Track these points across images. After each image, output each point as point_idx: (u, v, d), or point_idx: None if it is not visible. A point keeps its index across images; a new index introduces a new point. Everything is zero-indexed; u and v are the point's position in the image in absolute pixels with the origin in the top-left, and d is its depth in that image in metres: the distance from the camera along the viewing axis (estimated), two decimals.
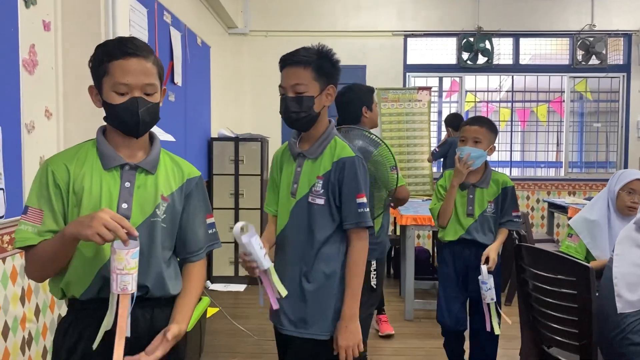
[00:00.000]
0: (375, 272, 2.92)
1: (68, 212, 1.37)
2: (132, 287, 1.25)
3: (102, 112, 2.47)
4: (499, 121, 6.71)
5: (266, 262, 1.65)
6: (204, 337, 3.27)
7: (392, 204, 2.71)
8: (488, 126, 2.66)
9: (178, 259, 1.52)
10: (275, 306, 1.70)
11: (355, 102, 2.84)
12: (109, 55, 1.36)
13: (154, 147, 1.47)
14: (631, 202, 2.58)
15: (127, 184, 1.39)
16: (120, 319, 1.25)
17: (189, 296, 1.46)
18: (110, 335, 1.29)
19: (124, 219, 1.25)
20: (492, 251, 2.55)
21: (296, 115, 1.74)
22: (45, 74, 2.34)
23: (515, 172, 6.93)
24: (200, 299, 1.59)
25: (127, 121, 1.37)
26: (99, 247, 1.33)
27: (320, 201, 1.74)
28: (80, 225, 1.24)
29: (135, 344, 1.34)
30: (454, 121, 5.73)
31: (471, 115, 5.97)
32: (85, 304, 1.38)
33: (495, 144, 2.70)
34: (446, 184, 2.73)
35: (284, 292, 1.69)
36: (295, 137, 1.84)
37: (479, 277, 2.46)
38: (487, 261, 2.53)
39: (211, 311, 3.90)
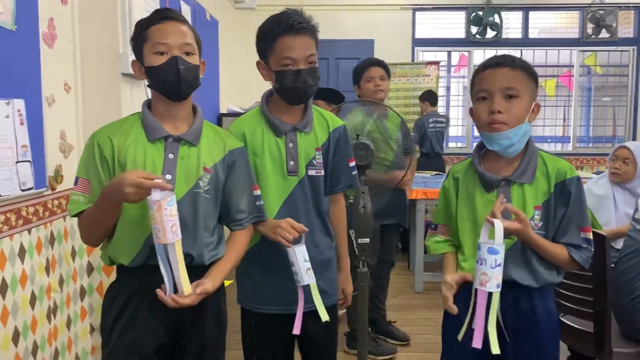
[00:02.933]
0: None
1: None
2: (179, 233, 1.31)
3: (117, 86, 2.52)
4: None
5: (307, 278, 1.59)
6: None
7: None
8: (524, 68, 1.48)
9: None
10: (297, 331, 1.63)
11: None
12: (147, 22, 1.43)
13: (197, 119, 1.50)
14: (614, 168, 2.69)
15: (171, 156, 1.43)
16: (180, 264, 1.32)
17: (226, 259, 1.52)
18: (154, 298, 1.36)
19: (150, 174, 1.31)
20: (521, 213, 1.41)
21: (311, 88, 1.63)
22: (64, 48, 2.35)
23: None
24: None
25: (169, 80, 1.40)
26: (144, 217, 1.37)
27: (321, 172, 1.72)
28: (118, 192, 1.29)
29: (176, 310, 1.38)
30: (430, 96, 5.67)
31: None
32: (133, 270, 1.44)
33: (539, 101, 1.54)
34: (455, 189, 1.59)
35: (325, 317, 1.63)
36: (268, 113, 1.69)
37: (480, 242, 1.36)
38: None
39: (227, 282, 3.97)
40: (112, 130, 1.46)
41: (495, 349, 1.35)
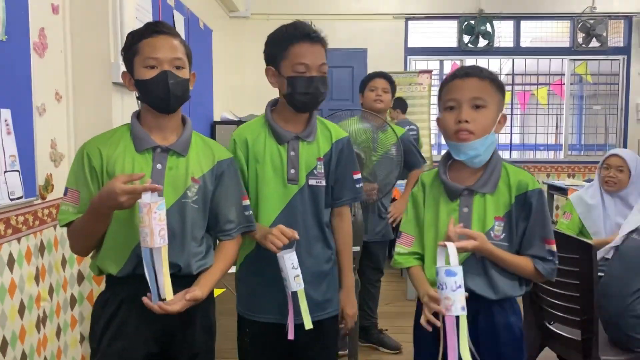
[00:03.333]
0: None
1: None
2: (166, 238, 1.32)
3: (109, 95, 2.53)
4: None
5: (295, 285, 1.58)
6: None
7: None
8: (492, 79, 1.49)
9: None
10: (291, 336, 1.63)
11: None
12: (138, 35, 1.44)
13: (186, 129, 1.52)
14: (607, 176, 2.71)
15: (159, 166, 1.45)
16: (165, 269, 1.34)
17: (214, 268, 1.53)
18: (143, 307, 1.36)
19: (134, 175, 1.34)
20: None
21: (322, 96, 1.65)
22: (55, 57, 2.36)
23: (515, 155, 6.98)
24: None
25: (159, 94, 1.42)
26: (131, 228, 1.39)
27: (323, 182, 1.71)
28: (108, 201, 1.31)
29: (165, 319, 1.39)
30: (401, 104, 5.52)
31: None
32: (122, 280, 1.45)
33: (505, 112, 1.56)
34: (423, 196, 1.60)
35: (309, 325, 1.61)
36: (272, 121, 1.71)
37: (437, 267, 1.36)
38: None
39: (217, 292, 3.98)
40: (101, 141, 1.48)
41: None
